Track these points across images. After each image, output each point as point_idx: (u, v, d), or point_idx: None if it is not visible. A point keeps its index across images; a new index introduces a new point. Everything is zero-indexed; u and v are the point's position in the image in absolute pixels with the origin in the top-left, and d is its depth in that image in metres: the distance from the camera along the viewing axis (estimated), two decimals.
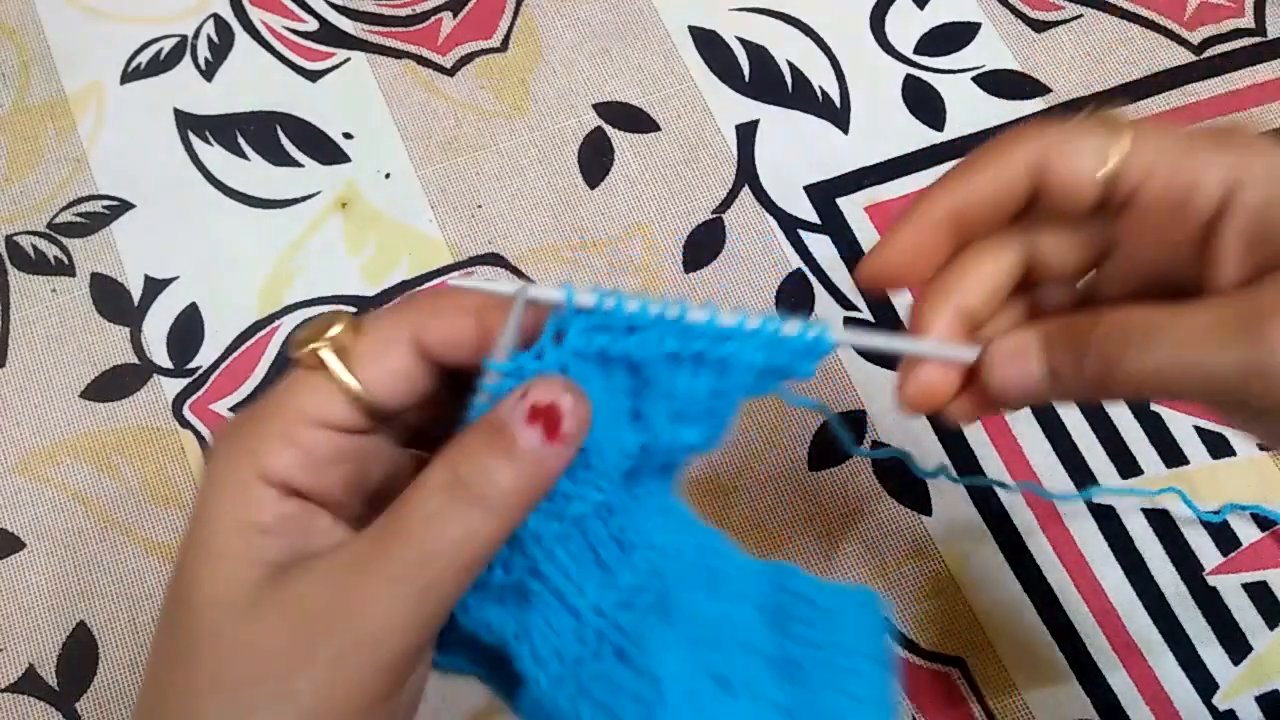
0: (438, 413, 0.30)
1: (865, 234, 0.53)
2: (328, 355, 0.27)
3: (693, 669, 0.31)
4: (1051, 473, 0.48)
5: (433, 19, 0.59)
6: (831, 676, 0.34)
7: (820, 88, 0.57)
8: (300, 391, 0.27)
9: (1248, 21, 0.58)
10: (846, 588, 0.38)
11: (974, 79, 0.57)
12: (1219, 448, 0.49)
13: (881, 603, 0.37)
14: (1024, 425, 0.49)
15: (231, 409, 0.51)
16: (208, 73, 0.58)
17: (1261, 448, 0.49)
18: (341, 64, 0.58)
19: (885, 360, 0.50)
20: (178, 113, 0.57)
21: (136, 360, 0.52)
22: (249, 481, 0.27)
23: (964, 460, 0.49)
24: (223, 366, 0.51)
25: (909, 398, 0.31)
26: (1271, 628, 0.46)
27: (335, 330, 0.27)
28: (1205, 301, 0.28)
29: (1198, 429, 0.49)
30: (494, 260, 0.53)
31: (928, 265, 0.32)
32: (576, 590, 0.28)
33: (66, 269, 0.54)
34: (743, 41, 0.58)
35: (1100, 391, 0.29)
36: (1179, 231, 0.29)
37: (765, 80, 0.57)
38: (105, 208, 0.55)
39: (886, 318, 0.52)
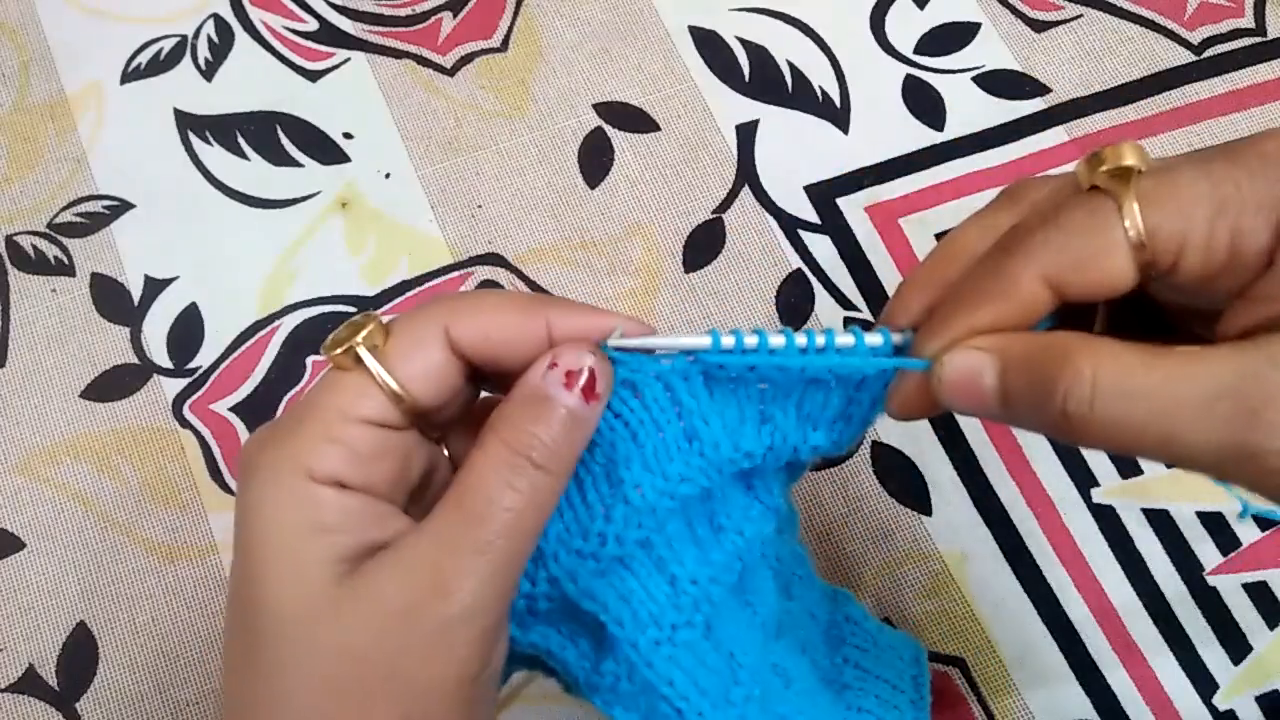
0: (466, 409, 0.31)
1: (865, 234, 0.53)
2: (365, 354, 0.27)
3: (761, 655, 0.34)
4: (1052, 473, 0.48)
5: (433, 19, 0.59)
6: (871, 705, 0.38)
7: (820, 88, 0.57)
8: (337, 391, 0.28)
9: (1248, 21, 0.58)
10: (900, 633, 0.42)
11: (974, 79, 0.57)
12: None
13: (925, 658, 0.41)
14: None
15: (231, 409, 0.51)
16: (208, 73, 0.58)
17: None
18: (341, 64, 0.58)
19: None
20: (178, 113, 0.57)
21: (136, 360, 0.52)
22: (298, 484, 0.26)
23: (964, 461, 0.49)
24: (223, 366, 0.51)
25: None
26: (1271, 628, 0.46)
27: (367, 330, 0.28)
28: (1191, 361, 0.25)
29: None
30: (494, 260, 0.53)
31: None
32: (677, 560, 0.30)
33: (66, 269, 0.54)
34: (743, 41, 0.58)
35: (1058, 435, 0.27)
36: (1225, 285, 0.27)
37: (765, 80, 0.57)
38: (105, 208, 0.55)
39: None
